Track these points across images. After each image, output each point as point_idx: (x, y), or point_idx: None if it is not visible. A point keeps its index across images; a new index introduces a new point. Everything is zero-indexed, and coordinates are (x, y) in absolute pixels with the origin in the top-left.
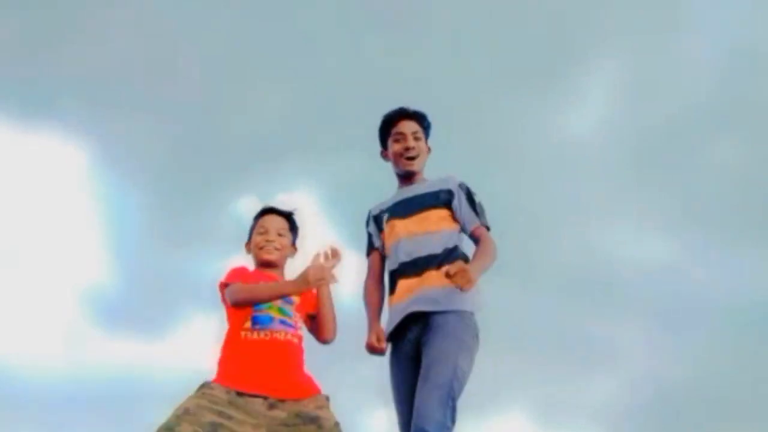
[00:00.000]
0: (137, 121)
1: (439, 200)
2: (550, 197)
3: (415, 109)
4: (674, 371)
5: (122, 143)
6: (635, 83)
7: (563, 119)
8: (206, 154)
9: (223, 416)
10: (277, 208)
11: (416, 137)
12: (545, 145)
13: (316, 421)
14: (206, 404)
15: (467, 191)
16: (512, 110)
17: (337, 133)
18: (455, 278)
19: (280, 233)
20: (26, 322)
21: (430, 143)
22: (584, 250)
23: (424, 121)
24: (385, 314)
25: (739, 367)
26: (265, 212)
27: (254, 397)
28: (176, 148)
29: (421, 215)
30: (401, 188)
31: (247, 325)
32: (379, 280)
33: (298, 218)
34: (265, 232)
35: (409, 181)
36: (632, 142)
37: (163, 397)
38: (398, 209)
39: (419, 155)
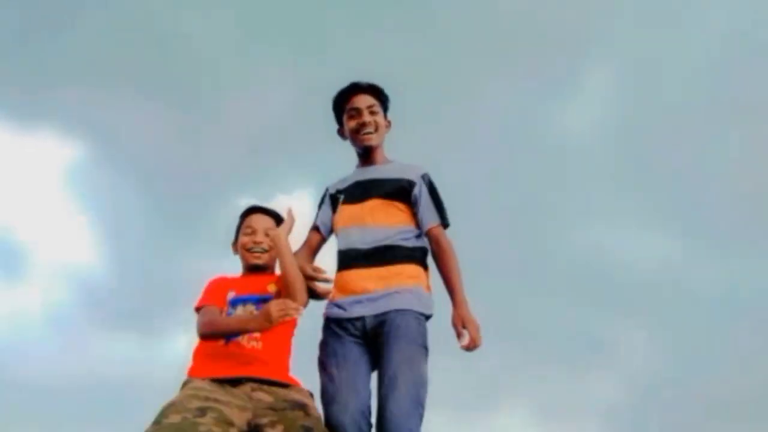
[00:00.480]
0: (136, 119)
1: (398, 190)
2: (550, 197)
3: (369, 82)
4: (674, 371)
5: (120, 142)
6: (635, 83)
7: (564, 119)
8: (205, 152)
9: (209, 400)
10: (263, 206)
11: (372, 111)
12: (545, 145)
13: (303, 407)
14: (192, 393)
15: (430, 184)
16: (512, 110)
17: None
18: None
19: (267, 233)
20: (25, 321)
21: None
22: (584, 250)
23: (380, 94)
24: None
25: (739, 367)
26: (251, 211)
27: (237, 383)
28: (175, 146)
29: (378, 202)
30: (361, 167)
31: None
32: (310, 256)
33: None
34: (252, 232)
35: (370, 159)
36: (632, 141)
37: (162, 396)
38: (356, 192)
39: (377, 129)
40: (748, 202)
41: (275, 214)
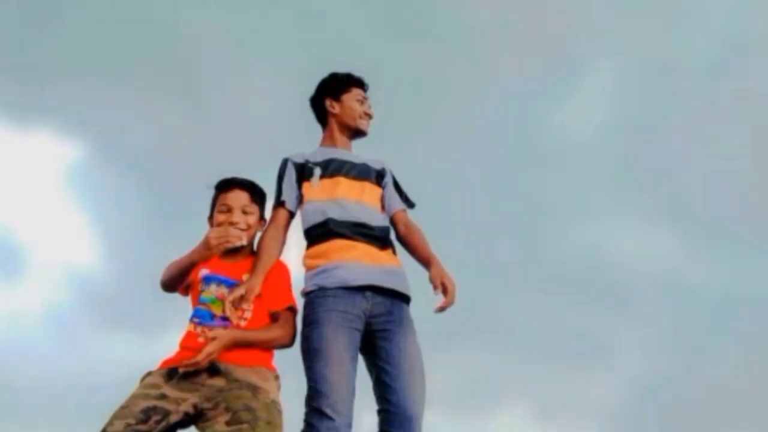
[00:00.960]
0: (137, 118)
1: (376, 176)
2: (549, 197)
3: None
4: (674, 371)
5: (121, 141)
6: (635, 83)
7: (563, 119)
8: (206, 152)
9: (156, 398)
10: (239, 179)
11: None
12: (545, 145)
13: (254, 389)
14: (141, 392)
15: (392, 175)
16: (512, 110)
17: None
18: (450, 297)
19: (244, 210)
20: (25, 321)
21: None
22: (584, 249)
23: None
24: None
25: (739, 367)
26: (227, 185)
27: (196, 372)
28: (176, 145)
29: (363, 184)
30: (330, 147)
31: (194, 320)
32: (282, 234)
33: (260, 186)
34: (228, 210)
35: (343, 143)
36: (632, 141)
37: None
38: (340, 168)
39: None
40: (748, 202)
41: (252, 187)
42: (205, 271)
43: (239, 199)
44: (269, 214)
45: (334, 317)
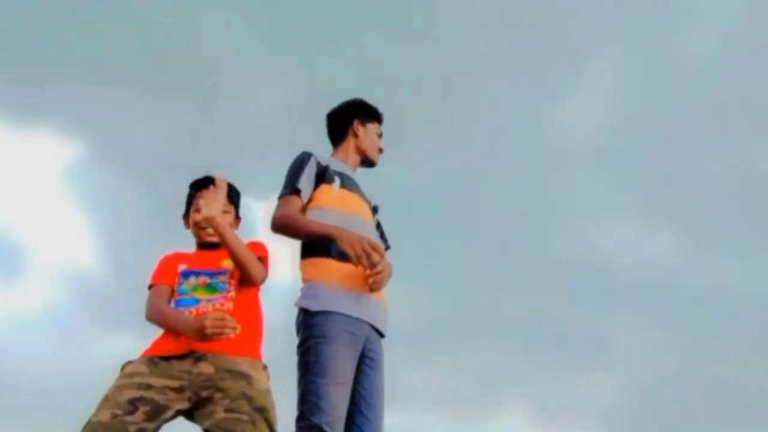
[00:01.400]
0: (135, 118)
1: (372, 209)
2: (550, 197)
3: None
4: (674, 371)
5: (119, 140)
6: (635, 83)
7: (564, 119)
8: (205, 151)
9: (142, 388)
10: (212, 179)
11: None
12: (545, 144)
13: (247, 378)
14: (125, 383)
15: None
16: (512, 110)
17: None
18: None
19: (201, 217)
20: (24, 321)
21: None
22: (584, 250)
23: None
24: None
25: (739, 366)
26: (202, 184)
27: (179, 358)
28: (175, 144)
29: (369, 214)
30: (343, 162)
31: (177, 308)
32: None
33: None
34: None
35: (354, 165)
36: (632, 141)
37: None
38: (356, 188)
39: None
40: (748, 201)
41: (228, 186)
42: (183, 266)
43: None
44: (277, 201)
45: (344, 336)
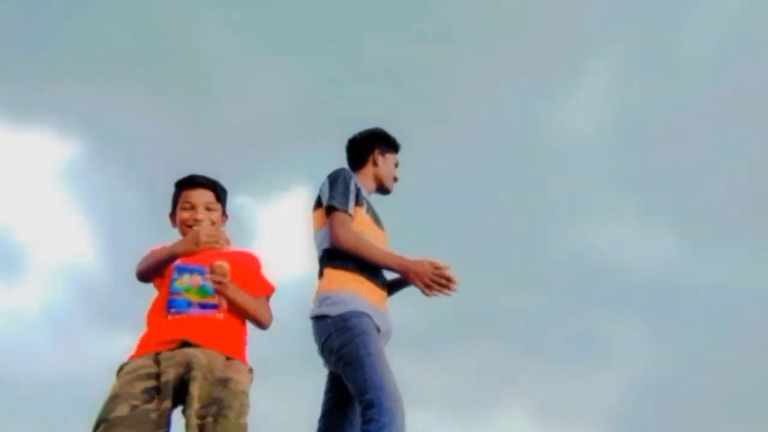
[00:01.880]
0: (134, 117)
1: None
2: (550, 197)
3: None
4: (674, 371)
5: (118, 139)
6: (635, 82)
7: (563, 118)
8: (203, 149)
9: (151, 378)
10: (201, 177)
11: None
12: (545, 143)
13: (225, 382)
14: (132, 378)
15: None
16: (512, 109)
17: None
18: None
19: (208, 207)
20: (23, 320)
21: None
22: (584, 249)
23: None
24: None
25: (739, 366)
26: (188, 183)
27: (173, 350)
28: (173, 143)
29: (384, 233)
30: (365, 191)
31: (169, 308)
32: None
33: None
34: (192, 207)
35: (370, 190)
36: (632, 141)
37: None
38: (374, 214)
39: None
40: (748, 201)
41: (215, 185)
42: (177, 261)
43: (203, 196)
44: (323, 213)
45: (380, 337)
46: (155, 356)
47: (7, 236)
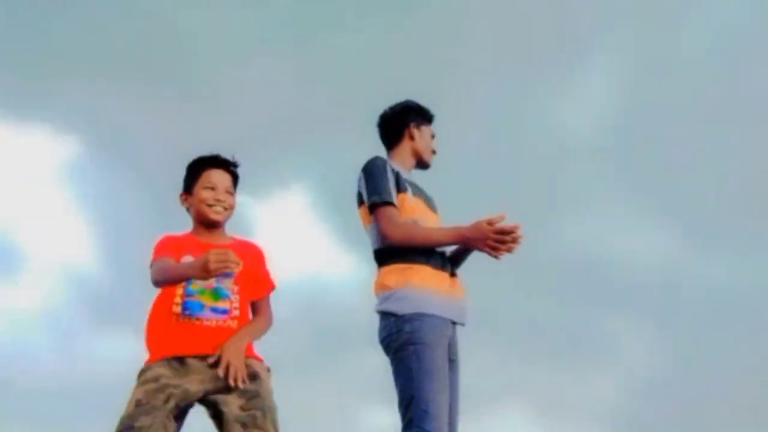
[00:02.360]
0: (133, 114)
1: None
2: (549, 195)
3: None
4: (674, 371)
5: (117, 137)
6: (636, 81)
7: (564, 117)
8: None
9: (170, 387)
10: (224, 159)
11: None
12: (545, 140)
13: (255, 377)
14: (153, 387)
15: None
16: (512, 107)
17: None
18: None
19: (228, 190)
20: (23, 320)
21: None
22: (584, 248)
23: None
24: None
25: (739, 366)
26: (210, 164)
27: (195, 358)
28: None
29: (436, 216)
30: (401, 167)
31: (177, 310)
32: None
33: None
34: (213, 188)
35: (410, 167)
36: (633, 139)
37: None
38: (422, 195)
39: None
40: (749, 200)
41: (235, 172)
42: (189, 257)
43: (224, 178)
44: (366, 210)
45: (442, 344)
46: (174, 362)
47: (5, 235)
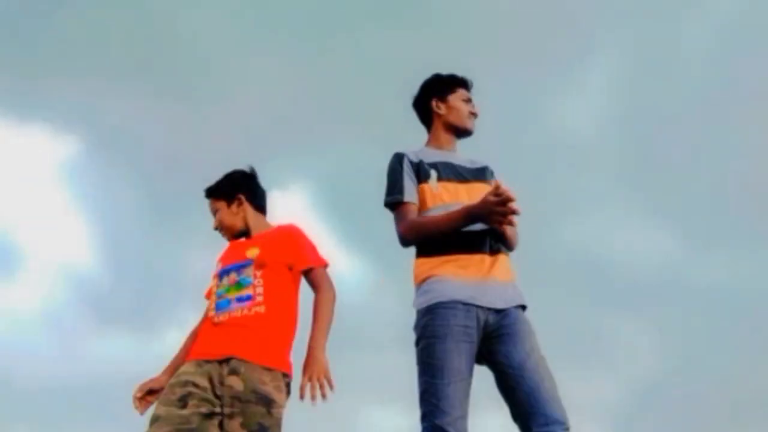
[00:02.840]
0: (133, 114)
1: (488, 175)
2: (550, 194)
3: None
4: (674, 371)
5: (117, 137)
6: (636, 79)
7: (565, 115)
8: (203, 147)
9: (189, 385)
10: (206, 188)
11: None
12: (545, 139)
13: (268, 404)
14: (175, 381)
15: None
16: (513, 105)
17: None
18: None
19: (213, 214)
20: (22, 320)
21: None
22: (584, 248)
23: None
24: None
25: (739, 366)
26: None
27: (219, 362)
28: (173, 141)
29: (477, 185)
30: (436, 148)
31: (211, 314)
32: None
33: (218, 183)
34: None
35: (448, 143)
36: (633, 138)
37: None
38: (454, 172)
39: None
40: (748, 200)
41: (208, 191)
42: (219, 265)
43: (210, 206)
44: (391, 213)
45: (455, 332)
46: (202, 365)
47: (5, 235)
